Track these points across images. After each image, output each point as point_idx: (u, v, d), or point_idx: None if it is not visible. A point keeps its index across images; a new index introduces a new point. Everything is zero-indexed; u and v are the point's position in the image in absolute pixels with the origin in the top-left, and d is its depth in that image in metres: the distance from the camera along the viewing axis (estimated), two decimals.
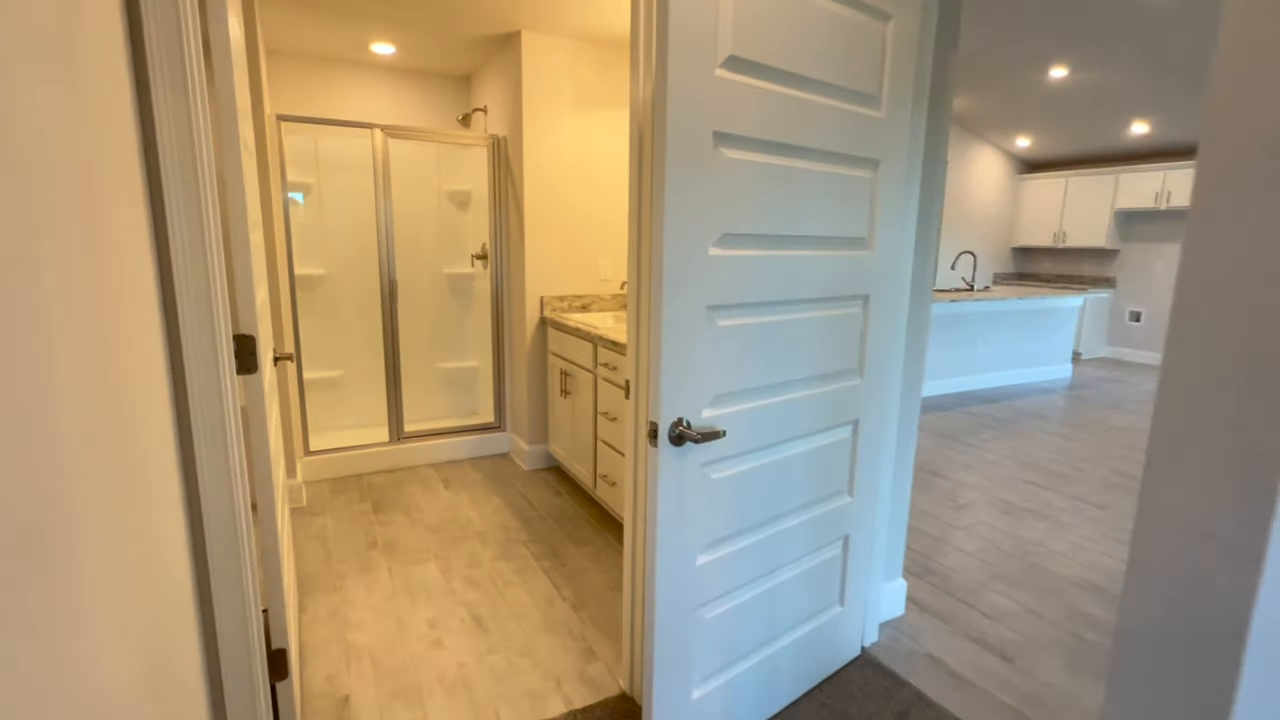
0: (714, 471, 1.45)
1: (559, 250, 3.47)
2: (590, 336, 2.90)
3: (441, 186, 4.16)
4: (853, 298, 1.69)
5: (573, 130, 3.40)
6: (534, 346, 3.51)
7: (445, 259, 4.24)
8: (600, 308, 3.62)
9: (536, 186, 3.36)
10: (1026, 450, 4.20)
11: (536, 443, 3.62)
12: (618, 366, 2.68)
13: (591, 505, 3.16)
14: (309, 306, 3.91)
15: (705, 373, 1.38)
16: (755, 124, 1.35)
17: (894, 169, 1.69)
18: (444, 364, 4.31)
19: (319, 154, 3.80)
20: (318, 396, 4.01)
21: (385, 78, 3.93)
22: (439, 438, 3.69)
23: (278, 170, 3.08)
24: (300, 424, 3.33)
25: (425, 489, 3.33)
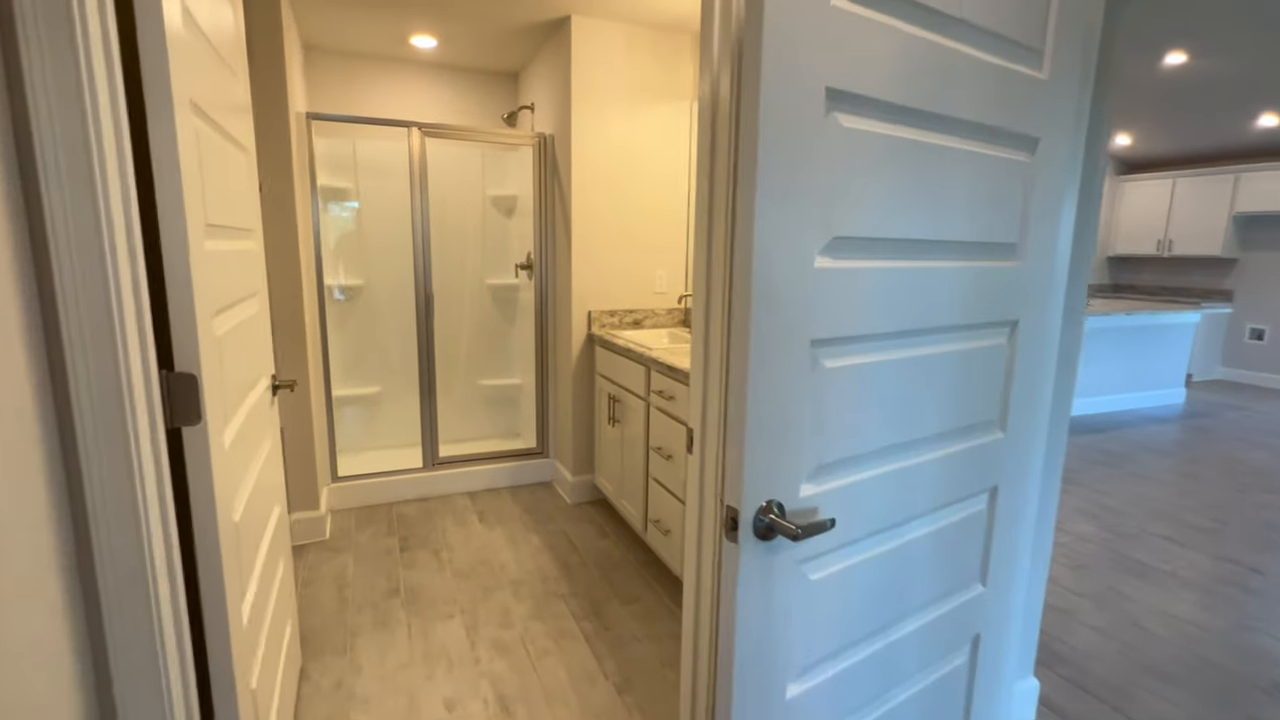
0: (814, 569, 1.04)
1: (609, 259, 3.12)
2: (643, 359, 2.52)
3: (486, 192, 3.88)
4: (997, 324, 1.25)
5: (626, 125, 3.05)
6: (580, 366, 3.16)
7: (489, 269, 3.95)
8: (654, 323, 3.25)
9: (585, 188, 3.02)
10: (1150, 493, 3.58)
11: (581, 473, 3.26)
12: (675, 396, 2.29)
13: (641, 550, 2.78)
14: (344, 319, 3.67)
15: (806, 434, 0.98)
16: (883, 80, 0.94)
17: (1055, 150, 1.25)
18: (485, 381, 4.02)
19: (357, 157, 3.57)
20: (353, 414, 3.77)
21: (427, 76, 3.67)
22: (476, 464, 3.38)
23: (305, 173, 2.84)
24: (328, 448, 3.07)
25: (458, 522, 3.01)
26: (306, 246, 2.85)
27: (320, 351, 2.99)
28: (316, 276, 2.94)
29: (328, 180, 3.49)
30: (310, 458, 2.75)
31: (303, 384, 2.69)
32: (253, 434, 1.43)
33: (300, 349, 2.66)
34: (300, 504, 2.76)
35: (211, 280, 1.10)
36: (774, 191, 0.86)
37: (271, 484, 1.66)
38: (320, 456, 2.93)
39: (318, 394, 2.93)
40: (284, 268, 2.59)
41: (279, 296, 2.60)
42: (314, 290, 2.93)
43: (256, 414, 1.50)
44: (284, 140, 2.53)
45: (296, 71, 2.97)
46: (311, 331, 2.84)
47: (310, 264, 2.89)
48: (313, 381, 2.80)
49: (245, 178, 1.53)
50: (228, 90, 1.37)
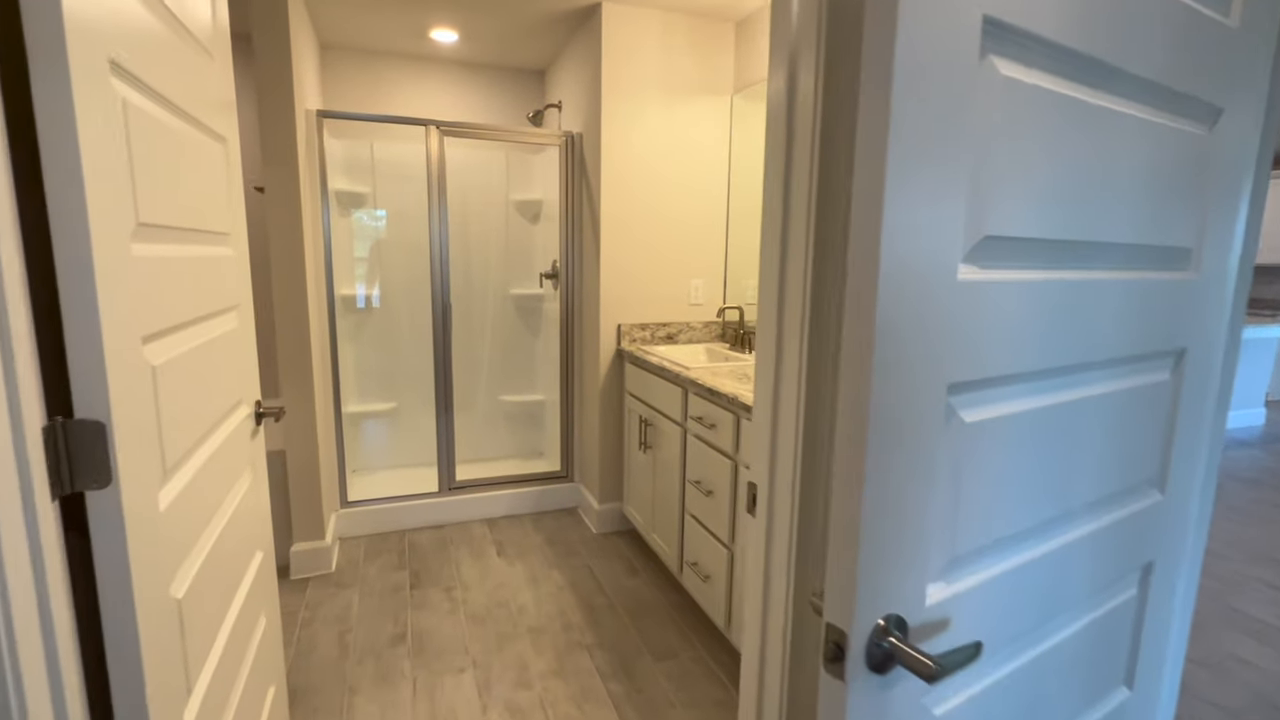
0: (938, 701, 0.75)
1: (640, 268, 2.85)
2: (679, 379, 2.24)
3: (509, 196, 3.65)
4: (1162, 355, 0.95)
5: (660, 122, 2.79)
6: (609, 384, 2.90)
7: (512, 278, 3.72)
8: (689, 338, 2.97)
9: (615, 190, 2.76)
10: (1250, 533, 3.18)
11: (609, 501, 2.98)
12: (717, 424, 2.00)
13: (675, 591, 2.49)
14: (359, 330, 3.47)
15: (937, 517, 0.69)
16: (1052, 13, 0.66)
17: (1241, 125, 0.95)
18: (507, 397, 3.77)
19: (375, 160, 3.37)
20: (366, 432, 3.56)
21: (448, 74, 3.47)
22: (495, 489, 3.13)
23: (315, 174, 2.63)
24: (337, 471, 2.84)
25: (474, 555, 2.76)
26: (315, 253, 2.64)
27: (329, 366, 2.78)
28: (326, 285, 2.73)
29: (343, 184, 3.29)
30: (315, 483, 2.53)
31: (307, 402, 2.47)
32: (217, 479, 1.18)
33: (304, 364, 2.44)
34: (304, 533, 2.54)
35: (143, 295, 0.85)
36: (908, 169, 0.58)
37: (249, 529, 1.41)
38: (327, 481, 2.70)
39: (325, 412, 2.71)
40: (289, 276, 2.38)
41: (283, 307, 2.39)
42: (322, 300, 2.71)
43: (227, 453, 1.25)
44: (289, 138, 2.32)
45: (309, 69, 2.78)
46: (319, 344, 2.62)
47: (319, 272, 2.68)
48: (319, 399, 2.58)
49: (220, 172, 1.30)
50: (194, 69, 1.13)
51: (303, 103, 2.52)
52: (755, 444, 1.02)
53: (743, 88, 2.82)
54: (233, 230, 1.39)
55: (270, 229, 2.34)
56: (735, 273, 2.94)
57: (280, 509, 2.55)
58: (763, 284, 0.98)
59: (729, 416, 1.93)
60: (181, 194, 1.04)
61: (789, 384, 0.93)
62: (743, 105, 2.83)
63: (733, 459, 1.94)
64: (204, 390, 1.12)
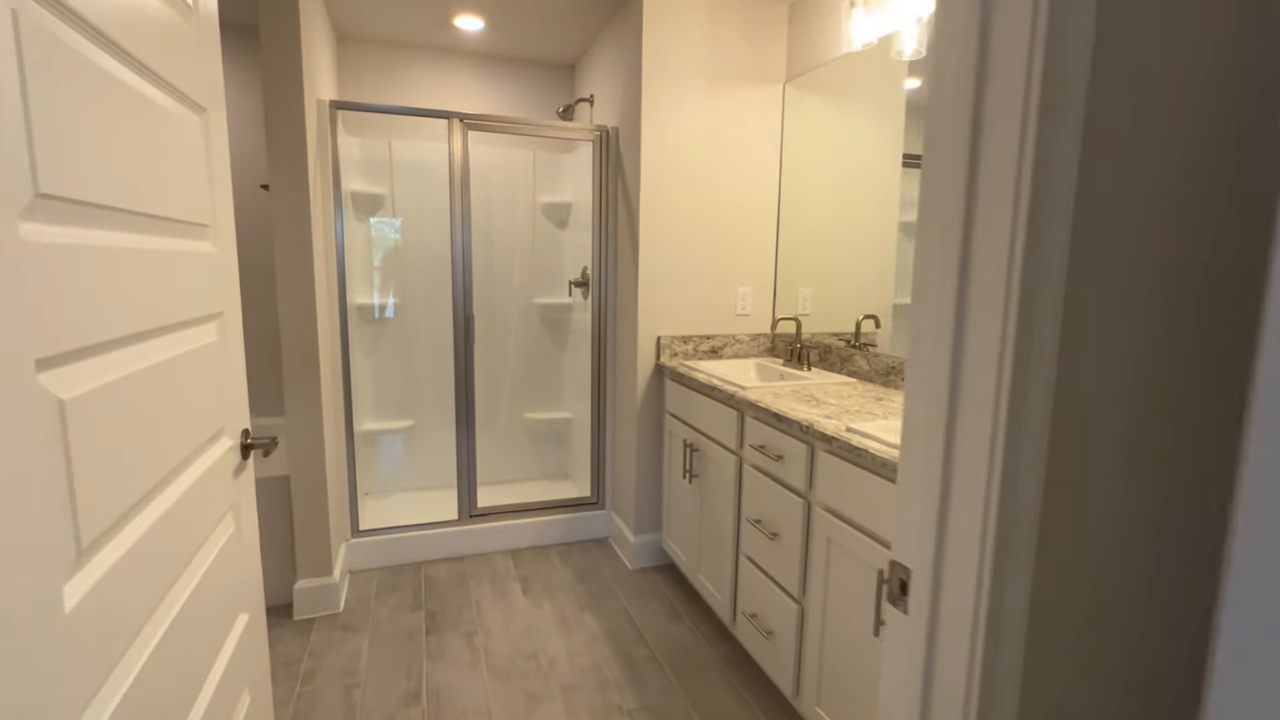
0: None
1: (682, 275, 2.57)
2: (734, 400, 1.95)
3: (537, 199, 3.40)
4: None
5: (705, 113, 2.52)
6: (647, 403, 2.61)
7: (538, 286, 3.47)
8: (735, 352, 2.68)
9: (655, 189, 2.50)
10: None
11: (646, 532, 2.69)
12: (784, 455, 1.71)
13: (725, 641, 2.18)
14: (375, 343, 3.23)
15: None
16: None
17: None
18: (532, 414, 3.51)
19: (393, 160, 3.14)
20: (382, 451, 3.31)
21: (472, 67, 3.23)
22: (520, 516, 2.85)
23: (327, 170, 2.39)
24: (348, 497, 2.59)
25: (497, 592, 2.48)
26: (327, 258, 2.40)
27: (341, 381, 2.53)
28: (339, 293, 2.49)
29: (359, 185, 3.06)
30: (323, 512, 2.27)
31: (314, 422, 2.22)
32: (179, 537, 0.92)
33: (312, 379, 2.19)
34: (310, 568, 2.28)
35: (42, 299, 0.59)
36: None
37: (230, 589, 1.15)
38: (337, 508, 2.45)
39: (335, 432, 2.46)
40: (295, 282, 2.14)
41: (289, 317, 2.15)
42: (334, 309, 2.47)
43: (198, 500, 0.99)
44: (297, 130, 2.09)
45: (323, 60, 2.56)
46: (330, 358, 2.38)
47: (330, 278, 2.44)
48: (329, 418, 2.33)
49: (195, 149, 1.04)
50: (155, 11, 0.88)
51: (314, 93, 2.29)
52: (906, 508, 0.73)
53: (796, 75, 2.54)
54: (215, 223, 1.13)
55: (276, 230, 2.10)
56: (787, 280, 2.65)
57: (283, 541, 2.29)
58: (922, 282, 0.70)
59: (800, 448, 1.63)
60: (127, 165, 0.78)
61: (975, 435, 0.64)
62: (796, 95, 2.55)
63: (805, 498, 1.64)
64: (159, 425, 0.85)
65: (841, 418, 1.62)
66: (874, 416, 1.64)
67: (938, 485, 0.68)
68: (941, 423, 0.67)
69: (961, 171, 0.64)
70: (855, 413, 1.68)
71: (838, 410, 1.71)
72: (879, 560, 1.36)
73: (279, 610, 2.31)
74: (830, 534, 1.53)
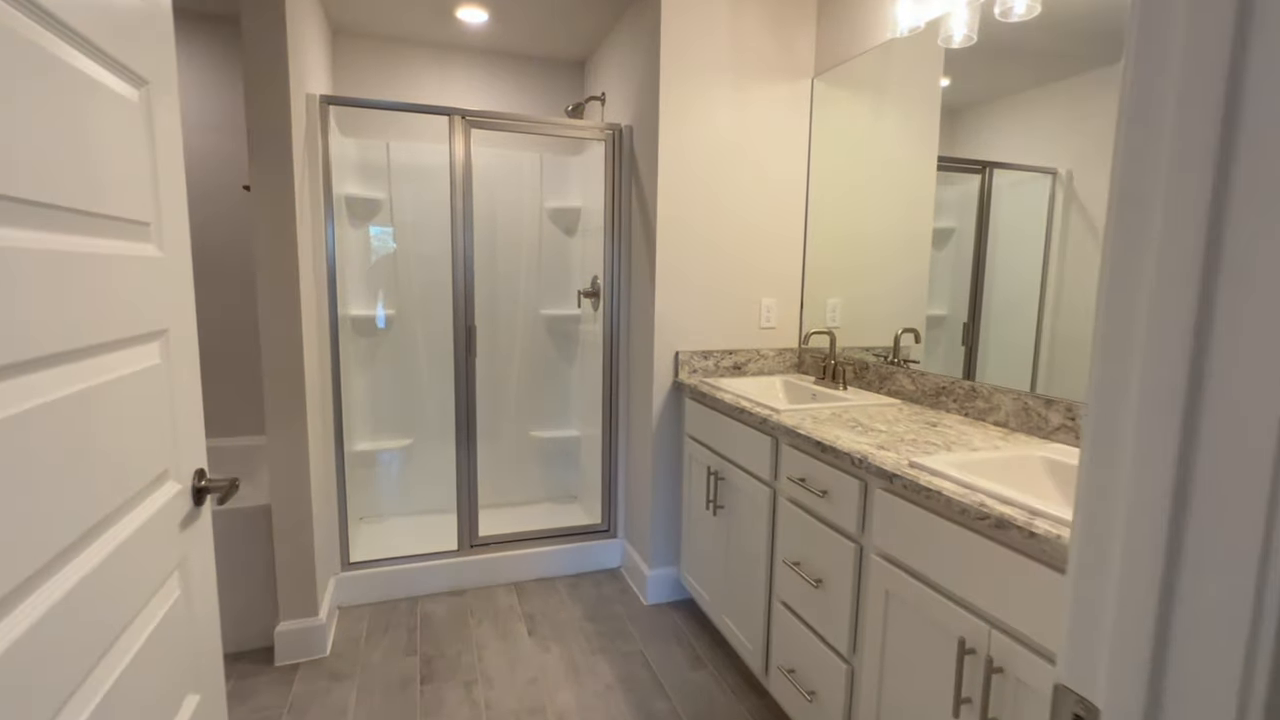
0: None
1: (702, 284, 2.37)
2: (767, 425, 1.74)
3: (544, 204, 3.21)
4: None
5: (728, 113, 2.32)
6: (664, 424, 2.40)
7: (544, 297, 3.27)
8: (760, 368, 2.47)
9: (673, 192, 2.30)
10: None
11: (663, 564, 2.47)
12: (830, 491, 1.49)
13: (754, 694, 1.96)
14: (372, 357, 3.02)
15: None
16: None
17: None
18: (538, 432, 3.30)
19: (391, 162, 2.95)
20: (381, 472, 3.09)
21: (474, 64, 3.05)
22: (524, 545, 2.63)
23: (317, 171, 2.20)
24: (338, 526, 2.37)
25: (500, 633, 2.25)
26: (317, 265, 2.20)
27: (331, 397, 2.32)
28: (329, 303, 2.28)
29: (355, 189, 2.87)
30: (308, 545, 2.05)
31: (298, 444, 2.01)
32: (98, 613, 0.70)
33: (296, 397, 1.98)
34: (293, 608, 2.06)
35: None
36: None
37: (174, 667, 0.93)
38: (325, 539, 2.23)
39: (324, 455, 2.25)
40: (279, 292, 1.93)
41: (271, 329, 1.94)
42: (324, 320, 2.27)
43: (129, 562, 0.78)
44: (281, 124, 1.89)
45: (315, 54, 2.37)
46: (319, 373, 2.17)
47: (319, 287, 2.23)
48: (316, 439, 2.13)
49: (133, 128, 0.84)
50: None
51: (302, 85, 2.10)
52: (1087, 616, 0.51)
53: (825, 69, 2.35)
54: (161, 222, 0.93)
55: (256, 234, 1.90)
56: (814, 290, 2.45)
57: (264, 578, 2.08)
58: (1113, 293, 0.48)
59: (851, 483, 1.42)
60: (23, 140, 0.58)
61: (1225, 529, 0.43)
62: (826, 91, 2.35)
63: (856, 541, 1.42)
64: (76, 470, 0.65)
65: (898, 448, 1.41)
66: (935, 448, 1.42)
67: (1155, 598, 0.46)
68: (1163, 508, 0.46)
69: (1205, 179, 0.42)
70: (910, 442, 1.47)
71: (890, 439, 1.49)
72: (958, 626, 1.14)
73: (259, 654, 2.09)
74: (890, 586, 1.31)
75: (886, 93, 2.07)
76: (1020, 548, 1.03)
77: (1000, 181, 1.67)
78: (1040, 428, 1.54)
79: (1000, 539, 1.06)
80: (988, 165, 1.69)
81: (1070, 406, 1.47)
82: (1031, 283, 1.57)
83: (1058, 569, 0.97)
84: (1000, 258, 1.67)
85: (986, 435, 1.55)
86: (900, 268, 2.03)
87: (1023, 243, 1.60)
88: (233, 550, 2.04)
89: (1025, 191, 1.59)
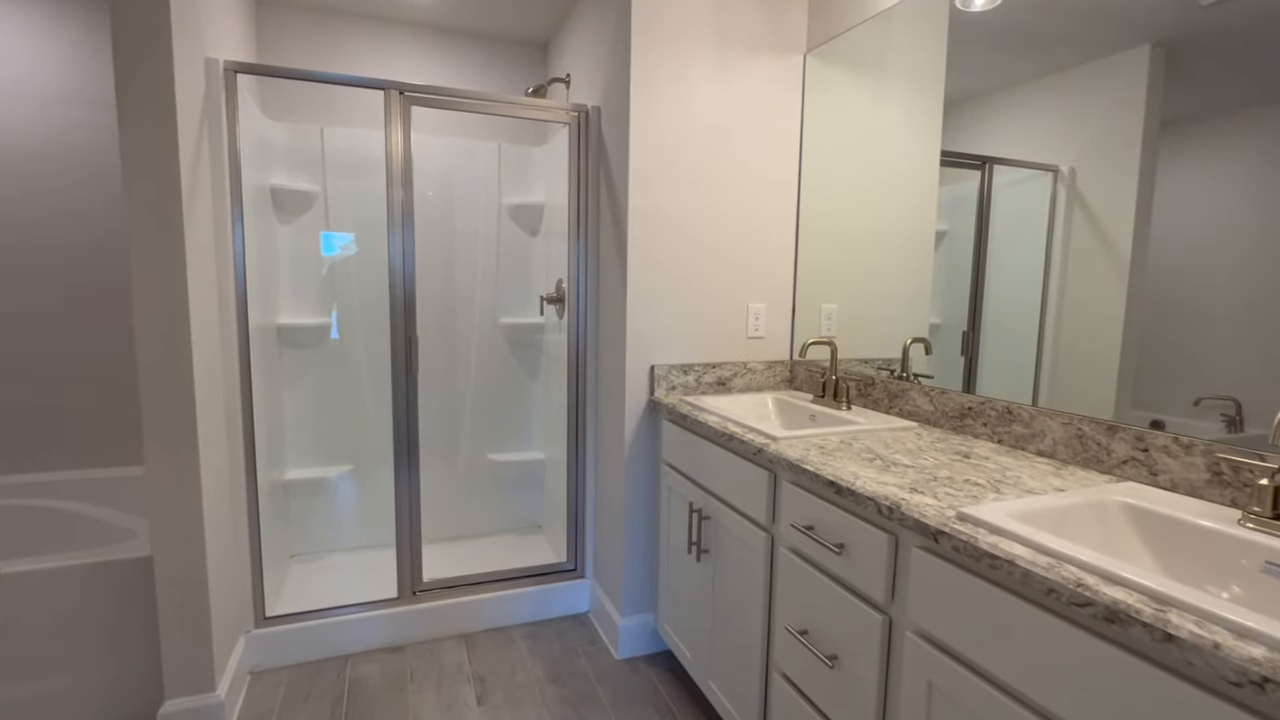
0: None
1: (681, 289, 2.06)
2: (763, 456, 1.42)
3: (503, 200, 2.88)
4: None
5: (710, 93, 2.02)
6: (638, 448, 2.07)
7: (504, 303, 2.93)
8: (747, 383, 2.15)
9: (648, 184, 1.98)
10: None
11: (637, 611, 2.13)
12: (848, 545, 1.17)
13: None
14: (304, 373, 2.65)
15: None
16: None
17: None
18: (497, 455, 2.94)
19: (326, 150, 2.59)
20: (315, 504, 2.71)
21: (422, 42, 2.72)
22: (476, 590, 2.27)
23: (220, 155, 1.83)
24: (250, 574, 1.99)
25: (443, 700, 1.89)
26: (223, 264, 1.84)
27: (243, 423, 1.94)
28: (237, 310, 1.91)
29: (284, 180, 2.51)
30: (202, 605, 1.67)
31: (188, 480, 1.63)
32: None
33: (183, 423, 1.61)
34: (183, 683, 1.67)
35: None
36: None
37: None
38: (229, 594, 1.85)
39: (230, 491, 1.88)
40: (158, 293, 1.57)
41: (148, 340, 1.57)
42: (232, 330, 1.90)
43: None
44: (162, 94, 1.53)
45: (227, 18, 2.02)
46: (219, 393, 1.80)
47: (225, 291, 1.87)
48: (214, 473, 1.76)
49: None
50: None
51: (200, 48, 1.74)
52: None
53: (820, 44, 2.06)
54: None
55: (130, 228, 1.53)
56: (808, 295, 2.15)
57: (145, 648, 1.69)
58: None
59: (876, 536, 1.10)
60: None
61: None
62: (820, 68, 2.07)
63: (884, 612, 1.10)
64: None
65: (934, 491, 1.10)
66: (980, 489, 1.12)
67: None
68: None
69: None
70: (946, 481, 1.16)
71: (921, 477, 1.19)
72: None
73: None
74: (935, 677, 0.99)
75: (886, 73, 1.81)
76: (1144, 652, 0.72)
77: (998, 180, 1.51)
78: (1100, 460, 1.25)
79: (1111, 636, 0.75)
80: (987, 161, 1.52)
81: (1140, 436, 1.18)
82: (1032, 288, 1.42)
83: (1210, 690, 0.66)
84: (997, 261, 1.51)
85: (1035, 469, 1.25)
86: (901, 270, 1.77)
87: (1021, 245, 1.45)
88: (103, 615, 1.65)
89: (1024, 190, 1.44)
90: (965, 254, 1.58)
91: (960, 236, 1.60)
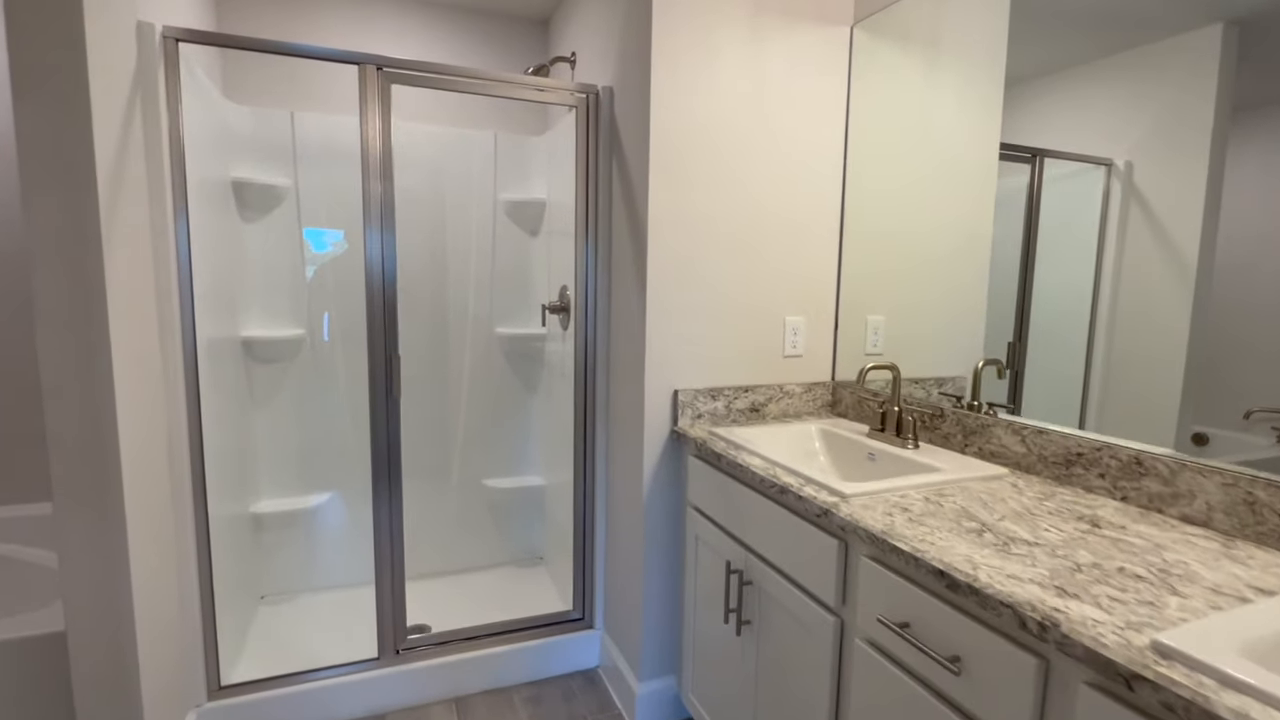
0: None
1: (708, 300, 1.75)
2: (830, 520, 1.12)
3: (498, 196, 2.57)
4: None
5: (742, 73, 1.72)
6: (659, 486, 1.77)
7: (501, 312, 2.62)
8: (784, 408, 1.86)
9: (669, 174, 1.68)
10: None
11: (657, 675, 1.84)
12: (964, 660, 0.88)
13: None
14: (277, 389, 2.34)
15: None
16: None
17: None
18: (494, 481, 2.64)
19: (298, 137, 2.28)
20: (291, 537, 2.41)
21: (407, 15, 2.40)
22: (470, 647, 1.97)
23: (160, 141, 1.52)
24: (202, 634, 1.68)
25: None
26: (164, 267, 1.53)
27: (190, 455, 1.63)
28: (181, 321, 1.60)
29: (249, 173, 2.20)
30: (130, 685, 1.36)
31: (110, 527, 1.33)
32: None
33: (104, 462, 1.31)
34: None
35: None
36: None
37: None
38: (173, 663, 1.55)
39: (173, 536, 1.57)
40: (70, 311, 1.26)
41: (56, 365, 1.26)
42: (176, 348, 1.59)
43: None
44: (74, 66, 1.22)
45: None
46: (160, 421, 1.49)
47: (172, 303, 1.56)
48: (152, 517, 1.45)
49: None
50: None
51: (131, 9, 1.43)
52: None
53: (868, 14, 1.76)
54: None
55: (29, 232, 1.22)
56: (853, 304, 1.85)
57: None
58: None
59: (1021, 660, 0.80)
60: None
61: None
62: (867, 43, 1.77)
63: None
64: None
65: (1088, 591, 0.80)
66: (1148, 587, 0.82)
67: None
68: None
69: None
70: (1093, 569, 0.87)
71: (1058, 564, 0.89)
72: None
73: None
74: None
75: (942, 51, 1.54)
76: None
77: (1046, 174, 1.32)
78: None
79: None
80: (1038, 154, 1.32)
81: None
82: (1080, 297, 1.26)
83: None
84: (1043, 265, 1.33)
85: (1196, 549, 0.96)
86: (955, 277, 1.52)
87: (1069, 248, 1.27)
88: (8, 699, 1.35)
89: (1073, 186, 1.26)
90: (1010, 257, 1.38)
91: (1003, 238, 1.40)
